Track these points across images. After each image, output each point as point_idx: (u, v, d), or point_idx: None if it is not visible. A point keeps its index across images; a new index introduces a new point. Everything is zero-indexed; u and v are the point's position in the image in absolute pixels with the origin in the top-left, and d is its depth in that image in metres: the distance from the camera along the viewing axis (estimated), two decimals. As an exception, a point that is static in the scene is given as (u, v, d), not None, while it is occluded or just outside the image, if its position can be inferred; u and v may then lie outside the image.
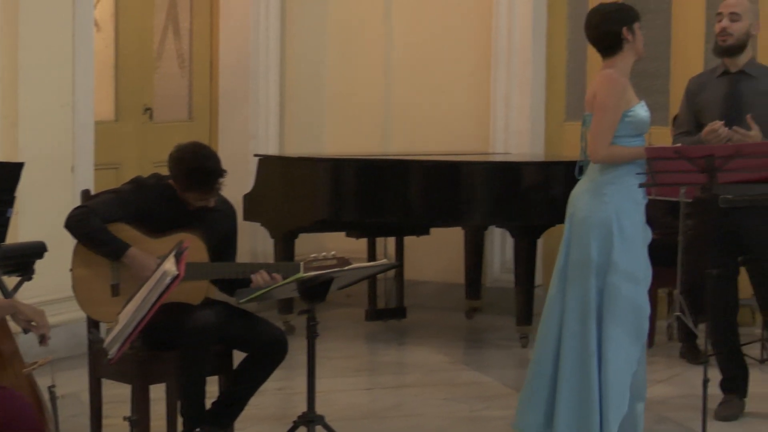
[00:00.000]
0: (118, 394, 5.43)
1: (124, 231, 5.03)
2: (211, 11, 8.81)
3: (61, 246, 5.18)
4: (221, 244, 5.18)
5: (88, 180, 7.10)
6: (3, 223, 5.88)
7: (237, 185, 7.34)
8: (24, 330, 4.14)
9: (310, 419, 5.02)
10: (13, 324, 4.17)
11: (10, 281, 6.24)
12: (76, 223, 5.03)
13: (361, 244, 8.09)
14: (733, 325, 6.09)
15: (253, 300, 4.89)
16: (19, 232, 6.56)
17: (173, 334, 4.87)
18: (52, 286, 6.19)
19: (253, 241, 8.60)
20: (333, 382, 6.62)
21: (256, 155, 8.14)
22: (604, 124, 5.18)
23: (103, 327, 5.40)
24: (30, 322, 4.12)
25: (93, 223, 4.99)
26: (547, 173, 7.46)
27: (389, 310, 8.32)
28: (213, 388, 5.14)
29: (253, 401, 5.21)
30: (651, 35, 7.74)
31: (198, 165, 5.01)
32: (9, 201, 5.86)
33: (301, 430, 5.04)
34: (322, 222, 7.77)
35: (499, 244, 8.67)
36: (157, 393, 5.15)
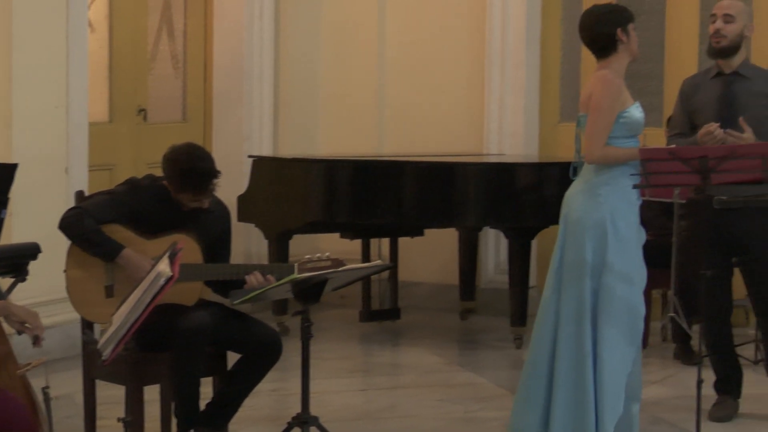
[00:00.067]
0: (112, 395, 5.42)
1: (118, 232, 5.03)
2: (205, 12, 8.81)
3: (55, 247, 5.17)
4: (215, 246, 5.18)
5: (82, 181, 7.10)
6: (-3, 225, 5.87)
7: (231, 186, 7.34)
8: (18, 331, 4.14)
9: (304, 420, 5.02)
10: (7, 325, 4.17)
11: (4, 282, 6.22)
12: (70, 224, 5.02)
13: (356, 245, 8.09)
14: (727, 326, 6.10)
15: (248, 301, 4.89)
16: (13, 233, 6.55)
17: (167, 335, 4.87)
18: (46, 288, 6.18)
19: (247, 242, 8.59)
20: (327, 383, 6.61)
21: (250, 156, 8.14)
22: (599, 125, 5.18)
23: (97, 328, 5.39)
24: (23, 324, 4.12)
25: (87, 225, 4.99)
26: (542, 174, 7.46)
27: (383, 311, 8.32)
28: (207, 389, 5.14)
29: (248, 402, 5.21)
30: (645, 37, 7.75)
31: (192, 166, 5.01)
32: (3, 202, 5.84)
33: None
34: (316, 223, 7.77)
35: (494, 245, 8.67)
36: (152, 394, 5.15)
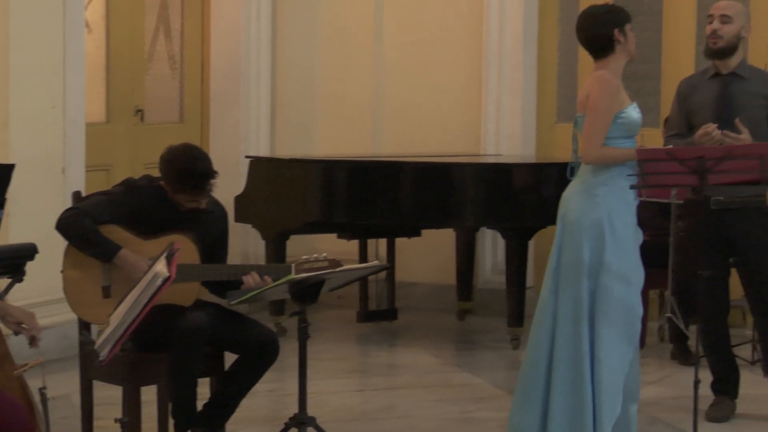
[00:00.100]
0: (109, 396, 5.42)
1: (115, 233, 5.02)
2: (203, 13, 8.80)
3: (52, 248, 5.16)
4: (212, 246, 5.18)
5: (79, 181, 7.09)
6: (-6, 225, 5.87)
7: (228, 187, 7.34)
8: (15, 332, 4.14)
9: (301, 421, 5.02)
10: (4, 326, 4.17)
11: (1, 283, 6.21)
12: (67, 224, 5.02)
13: (353, 245, 8.08)
14: (724, 326, 6.10)
15: (245, 301, 4.89)
16: (10, 234, 6.55)
17: (164, 335, 4.86)
18: (43, 288, 6.17)
19: (245, 243, 8.59)
20: (324, 383, 6.61)
21: (247, 157, 8.13)
22: (597, 125, 5.18)
23: (94, 329, 5.39)
24: (20, 325, 4.12)
25: (84, 225, 4.99)
26: (539, 175, 7.47)
27: (381, 311, 8.32)
28: (204, 390, 5.14)
29: (245, 403, 5.20)
30: (642, 37, 7.75)
31: (189, 166, 5.00)
32: (0, 203, 5.84)
33: (293, 432, 5.05)
34: (314, 223, 7.76)
35: (491, 245, 8.67)
36: (149, 395, 5.15)
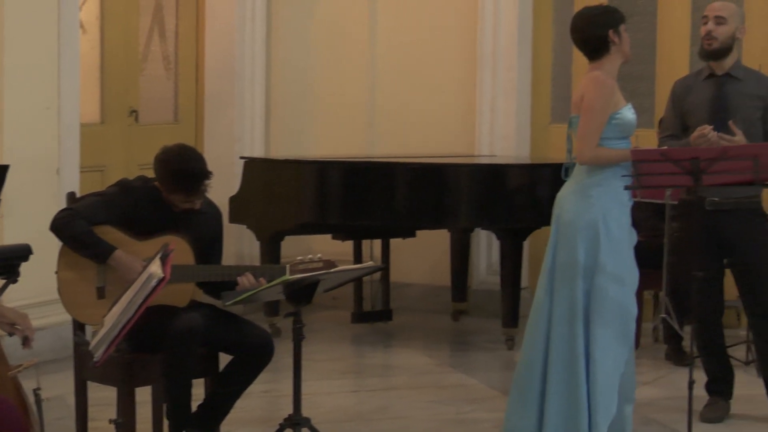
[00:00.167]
0: (103, 397, 5.41)
1: (109, 233, 5.02)
2: (197, 14, 8.80)
3: (47, 249, 5.16)
4: (207, 247, 5.17)
5: (73, 182, 7.09)
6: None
7: (223, 188, 7.34)
8: (8, 333, 4.13)
9: (296, 422, 5.02)
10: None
11: (-5, 284, 6.22)
12: (61, 225, 5.02)
13: (347, 246, 8.09)
14: (718, 327, 6.11)
15: (239, 302, 4.88)
16: (4, 235, 6.55)
17: (159, 336, 4.86)
18: (38, 289, 6.17)
19: (239, 244, 8.59)
20: (319, 384, 6.61)
21: (241, 158, 8.13)
22: (592, 126, 5.18)
23: (88, 330, 5.38)
24: (13, 325, 4.11)
25: (78, 226, 4.98)
26: (533, 176, 7.47)
27: (375, 312, 8.32)
28: (199, 391, 5.13)
29: (239, 404, 5.20)
30: (636, 38, 7.75)
31: (183, 167, 5.00)
32: (-6, 203, 5.85)
33: (287, 433, 5.05)
34: (308, 224, 7.76)
35: (485, 246, 8.67)
36: (143, 396, 5.14)
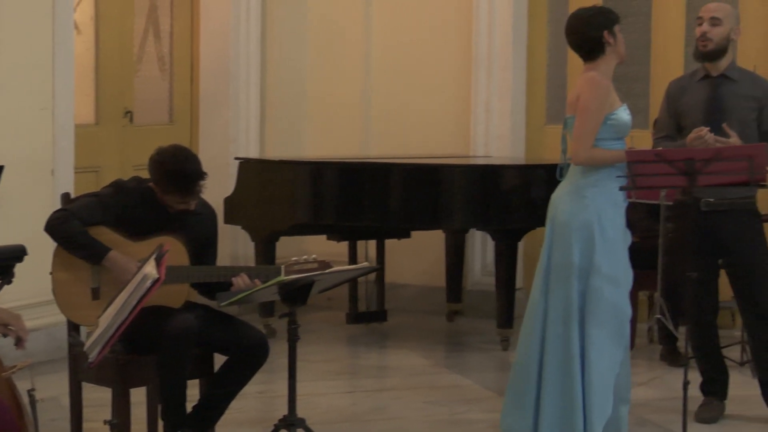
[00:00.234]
0: (98, 398, 5.41)
1: (104, 234, 5.01)
2: (192, 14, 8.79)
3: (41, 249, 5.15)
4: (202, 248, 5.17)
5: (68, 183, 7.08)
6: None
7: (217, 188, 7.34)
8: (2, 334, 4.13)
9: (291, 422, 5.02)
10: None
11: (-11, 285, 6.22)
12: (56, 226, 5.01)
13: (342, 247, 8.08)
14: (713, 327, 6.11)
15: (234, 303, 4.88)
16: (-1, 236, 6.54)
17: (154, 337, 4.85)
18: (32, 290, 6.16)
19: (234, 245, 8.58)
20: (314, 385, 6.61)
21: (236, 158, 8.12)
22: (587, 126, 5.18)
23: (83, 330, 5.38)
24: (7, 326, 4.11)
25: (73, 227, 4.98)
26: (528, 176, 7.47)
27: (370, 313, 8.31)
28: (194, 392, 5.13)
29: (234, 404, 5.20)
30: (631, 39, 7.76)
31: (178, 168, 5.00)
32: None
33: (282, 434, 5.04)
34: (303, 225, 7.76)
35: (480, 247, 8.67)
36: (138, 396, 5.14)
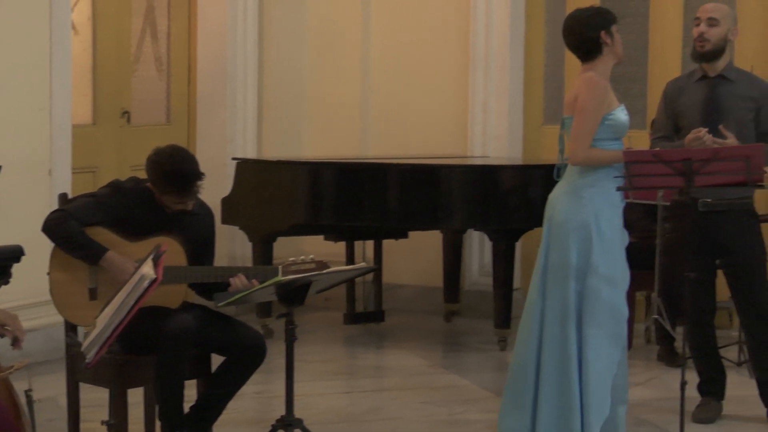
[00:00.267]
0: (96, 398, 5.41)
1: (101, 235, 5.01)
2: (189, 14, 8.79)
3: (39, 250, 5.15)
4: (199, 248, 5.17)
5: (65, 183, 7.08)
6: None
7: (215, 189, 7.33)
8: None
9: (288, 423, 5.01)
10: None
11: (-13, 286, 6.21)
12: (53, 226, 5.01)
13: (340, 247, 8.08)
14: (710, 327, 6.11)
15: (232, 303, 4.88)
16: (-4, 236, 6.54)
17: (151, 338, 4.85)
18: (30, 290, 6.16)
19: (232, 245, 8.58)
20: (311, 385, 6.61)
21: (234, 159, 8.12)
22: (585, 127, 5.18)
23: (80, 331, 5.37)
24: (3, 326, 4.10)
25: (70, 227, 4.97)
26: (525, 177, 7.47)
27: (368, 313, 8.31)
28: (191, 392, 5.13)
29: (232, 405, 5.20)
30: (629, 39, 7.75)
31: (176, 168, 4.99)
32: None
33: (280, 434, 5.04)
34: (301, 225, 7.76)
35: (478, 247, 8.67)
36: (136, 397, 5.14)
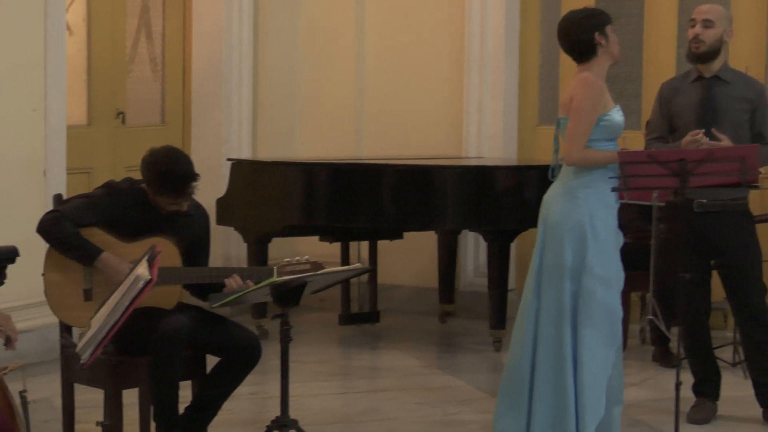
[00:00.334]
0: (90, 399, 5.40)
1: (96, 235, 5.01)
2: (184, 15, 8.78)
3: (33, 250, 5.15)
4: (194, 249, 5.17)
5: (60, 184, 7.07)
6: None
7: (210, 189, 7.33)
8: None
9: (283, 424, 5.02)
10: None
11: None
12: (48, 227, 5.01)
13: (335, 248, 8.08)
14: (705, 328, 6.11)
15: (227, 304, 4.88)
16: (-9, 237, 6.53)
17: (146, 338, 4.85)
18: (24, 291, 6.15)
19: (226, 246, 8.58)
20: (306, 386, 6.61)
21: (228, 159, 8.12)
22: (581, 127, 5.18)
23: (75, 332, 5.37)
24: (-3, 327, 4.11)
25: (65, 228, 4.97)
26: (520, 177, 7.47)
27: (363, 314, 8.31)
28: (186, 393, 5.13)
29: (227, 406, 5.20)
30: (624, 40, 7.71)
31: (170, 169, 4.99)
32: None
33: (275, 435, 5.04)
34: (295, 226, 7.76)
35: (473, 248, 8.67)
36: (130, 398, 5.13)
